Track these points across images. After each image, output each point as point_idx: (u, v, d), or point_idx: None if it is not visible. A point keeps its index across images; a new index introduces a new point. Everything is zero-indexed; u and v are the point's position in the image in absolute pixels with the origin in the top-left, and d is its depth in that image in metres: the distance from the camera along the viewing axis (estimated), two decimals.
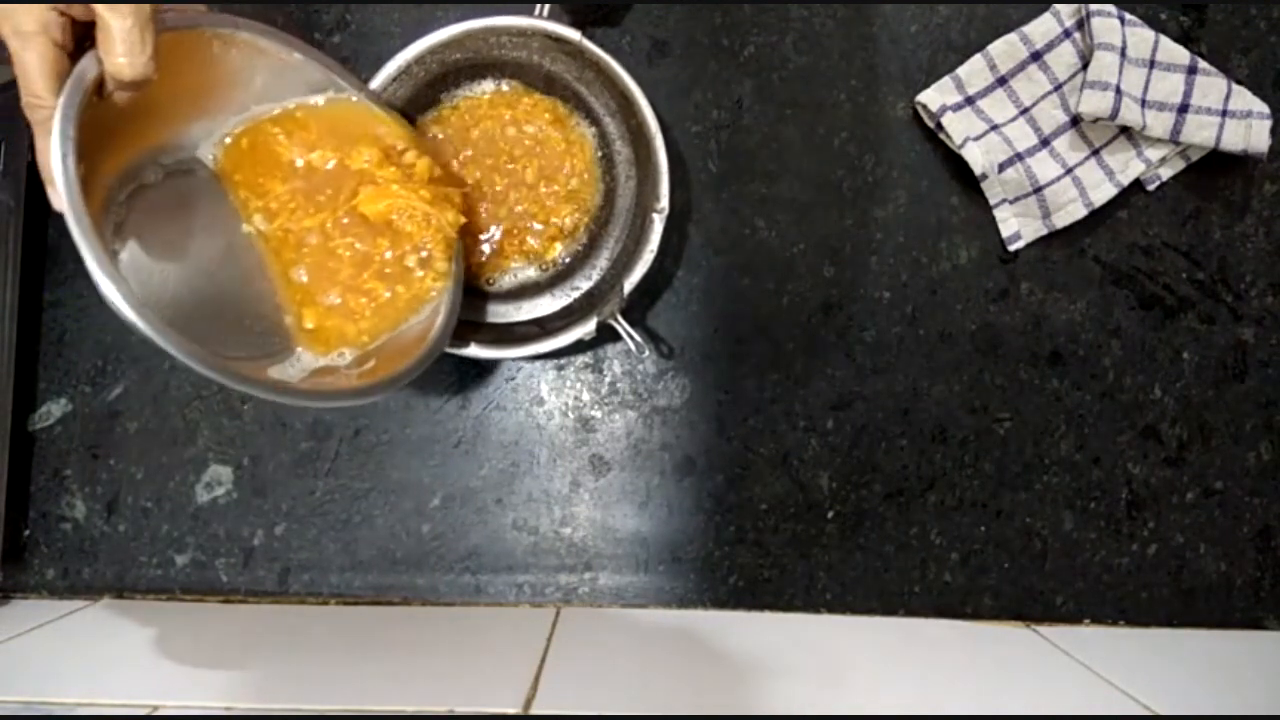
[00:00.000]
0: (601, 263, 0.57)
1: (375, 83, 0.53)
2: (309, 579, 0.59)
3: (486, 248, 0.57)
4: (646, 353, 0.56)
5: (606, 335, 0.54)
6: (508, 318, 0.57)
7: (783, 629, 0.56)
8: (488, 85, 0.57)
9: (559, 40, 0.54)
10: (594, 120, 0.57)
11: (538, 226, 0.57)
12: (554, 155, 0.57)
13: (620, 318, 0.52)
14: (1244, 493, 0.59)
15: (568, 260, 0.57)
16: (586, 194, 0.57)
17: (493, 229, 0.57)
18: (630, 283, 0.53)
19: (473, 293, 0.57)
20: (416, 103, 0.56)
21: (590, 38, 0.53)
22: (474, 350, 0.53)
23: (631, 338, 0.53)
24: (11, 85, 0.58)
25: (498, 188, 0.57)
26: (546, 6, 0.54)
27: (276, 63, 0.49)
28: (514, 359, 0.59)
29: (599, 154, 0.57)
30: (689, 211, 0.60)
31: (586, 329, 0.52)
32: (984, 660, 0.53)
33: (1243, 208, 0.60)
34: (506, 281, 0.57)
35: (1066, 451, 0.59)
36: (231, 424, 0.59)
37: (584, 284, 0.57)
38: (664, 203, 0.53)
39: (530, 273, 0.57)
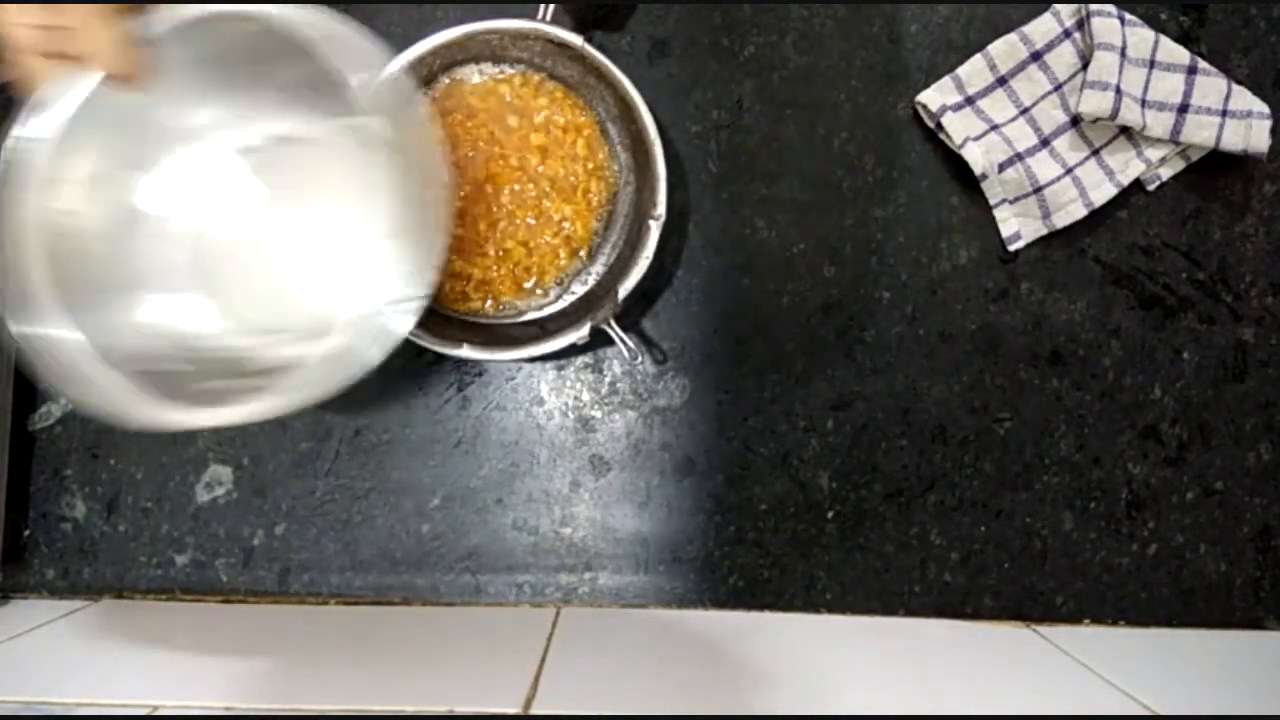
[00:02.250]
0: (598, 268, 0.57)
1: None
2: (309, 579, 0.59)
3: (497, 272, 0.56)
4: (639, 358, 0.56)
5: (600, 340, 0.54)
6: (503, 319, 0.57)
7: (783, 629, 0.56)
8: (487, 68, 0.56)
9: (561, 45, 0.53)
10: (599, 123, 0.57)
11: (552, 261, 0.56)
12: (568, 162, 0.56)
13: (614, 323, 0.52)
14: (1244, 493, 0.59)
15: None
16: (599, 200, 0.57)
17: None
18: (625, 288, 0.52)
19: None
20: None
21: (591, 40, 0.53)
22: (466, 351, 0.53)
23: (624, 343, 0.52)
24: (11, 85, 0.58)
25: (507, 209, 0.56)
26: (549, 9, 0.53)
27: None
28: (507, 361, 0.59)
29: (607, 159, 0.57)
30: (689, 211, 0.60)
31: (580, 333, 0.52)
32: (984, 660, 0.53)
33: (1243, 208, 0.60)
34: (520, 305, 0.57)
35: (1066, 451, 0.59)
36: None
37: (580, 288, 0.57)
38: (661, 210, 0.52)
39: (536, 297, 0.57)
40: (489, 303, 0.56)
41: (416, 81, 0.55)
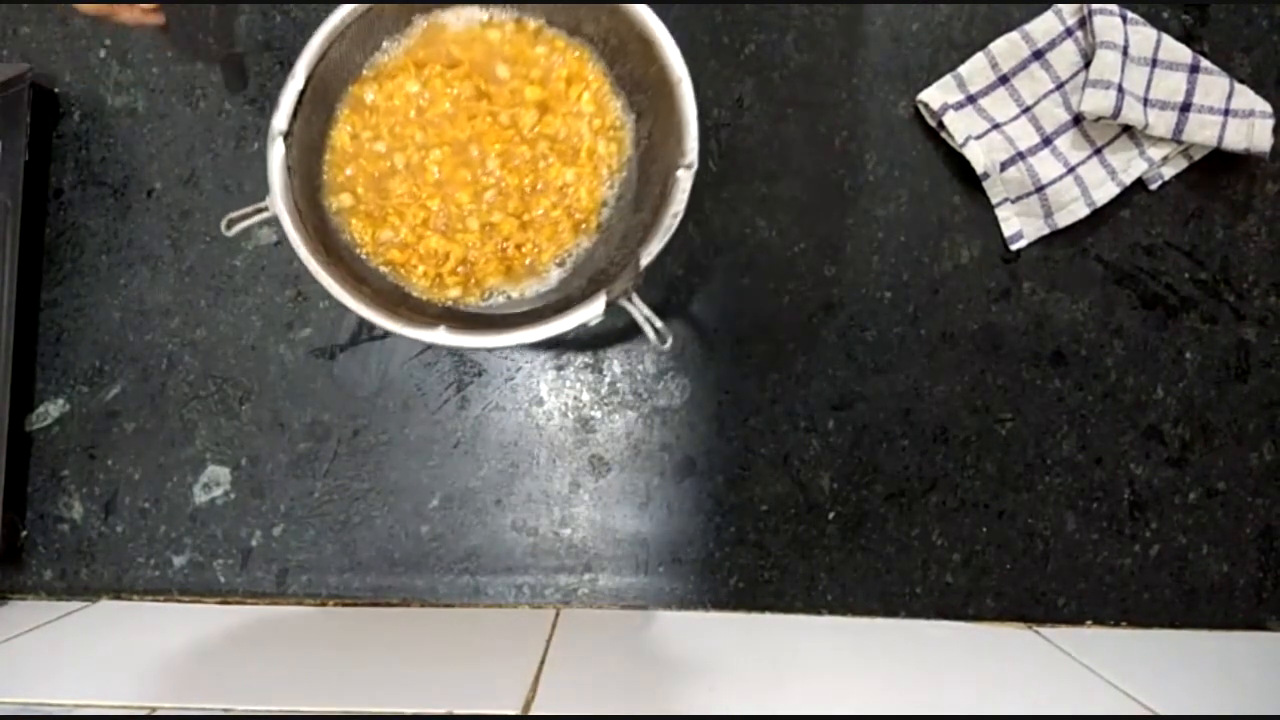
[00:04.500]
0: (611, 242, 0.49)
1: (336, 16, 0.46)
2: (307, 580, 0.59)
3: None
4: (668, 343, 0.45)
5: (615, 327, 0.52)
6: (489, 310, 0.50)
7: (784, 630, 0.56)
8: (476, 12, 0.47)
9: None
10: (608, 75, 0.49)
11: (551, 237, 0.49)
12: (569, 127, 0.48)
13: (636, 298, 0.43)
14: (1246, 493, 0.59)
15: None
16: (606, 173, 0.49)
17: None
18: (650, 253, 0.43)
19: None
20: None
21: None
22: (443, 335, 0.45)
23: (651, 323, 0.43)
24: (9, 84, 0.58)
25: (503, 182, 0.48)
26: None
27: None
28: (505, 346, 0.52)
29: (620, 116, 0.49)
30: (690, 210, 0.59)
31: (594, 310, 0.43)
32: (985, 661, 0.53)
33: (1245, 207, 0.60)
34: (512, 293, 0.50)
35: (1069, 452, 0.59)
36: (229, 424, 0.59)
37: (587, 267, 0.49)
38: (692, 156, 0.44)
39: (533, 283, 0.50)
40: (471, 287, 0.48)
41: (387, 25, 0.47)
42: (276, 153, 0.45)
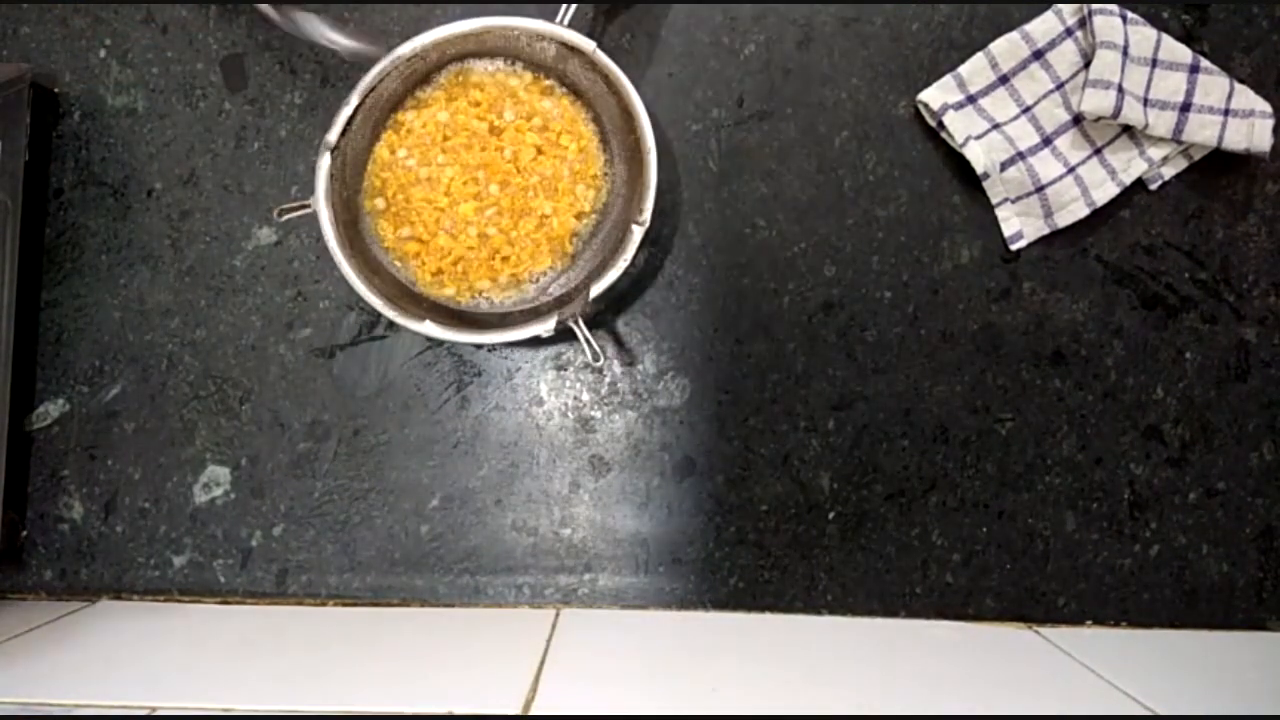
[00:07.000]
0: (579, 271, 0.58)
1: (389, 58, 0.53)
2: (307, 580, 0.59)
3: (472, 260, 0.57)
4: (601, 361, 0.55)
5: (566, 337, 0.55)
6: (476, 307, 0.58)
7: (784, 630, 0.56)
8: (500, 64, 0.57)
9: (573, 49, 0.53)
10: (601, 134, 0.57)
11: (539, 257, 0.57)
12: (560, 165, 0.57)
13: (580, 322, 0.52)
14: (1246, 493, 0.59)
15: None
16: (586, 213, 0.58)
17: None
18: (598, 288, 0.53)
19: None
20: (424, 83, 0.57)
21: (600, 35, 0.52)
22: (430, 327, 0.53)
23: (588, 343, 0.52)
24: (9, 85, 0.58)
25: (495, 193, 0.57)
26: (569, 11, 0.53)
27: None
28: (466, 343, 0.59)
29: (602, 168, 0.58)
30: (689, 211, 0.60)
31: (545, 326, 0.52)
32: (985, 661, 0.53)
33: (1245, 207, 0.60)
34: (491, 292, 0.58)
35: (1068, 452, 0.59)
36: (229, 424, 0.59)
37: (557, 290, 0.58)
38: (646, 216, 0.53)
39: (513, 293, 0.58)
40: (463, 288, 0.57)
41: (428, 65, 0.56)
42: (324, 162, 0.53)
